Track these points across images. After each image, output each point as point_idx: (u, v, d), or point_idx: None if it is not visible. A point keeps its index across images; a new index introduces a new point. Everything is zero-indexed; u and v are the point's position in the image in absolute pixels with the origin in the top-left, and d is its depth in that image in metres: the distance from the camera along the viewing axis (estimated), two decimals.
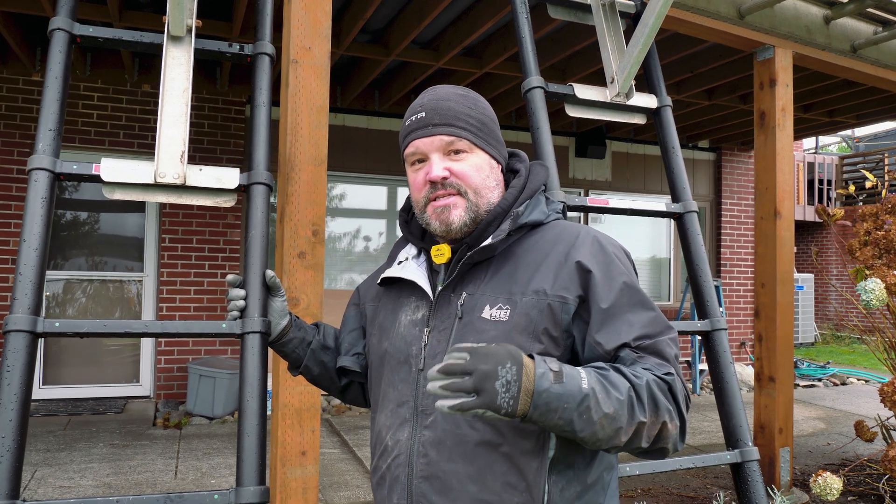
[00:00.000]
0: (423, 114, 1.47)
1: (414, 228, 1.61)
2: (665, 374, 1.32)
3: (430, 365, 1.42)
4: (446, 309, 1.45)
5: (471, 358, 1.15)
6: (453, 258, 1.48)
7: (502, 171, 1.56)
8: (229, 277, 1.78)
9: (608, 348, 1.34)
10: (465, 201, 1.45)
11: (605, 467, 1.42)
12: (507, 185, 1.56)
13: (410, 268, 1.54)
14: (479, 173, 1.47)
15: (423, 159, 1.48)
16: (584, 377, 1.21)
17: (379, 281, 1.62)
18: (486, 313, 1.40)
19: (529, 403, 1.15)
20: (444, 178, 1.44)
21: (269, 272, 1.80)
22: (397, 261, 1.60)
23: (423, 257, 1.57)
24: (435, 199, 1.45)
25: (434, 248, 1.50)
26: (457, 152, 1.46)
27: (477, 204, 1.46)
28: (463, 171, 1.45)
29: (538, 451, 1.33)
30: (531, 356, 1.20)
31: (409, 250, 1.60)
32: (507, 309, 1.38)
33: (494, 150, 1.52)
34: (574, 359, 1.40)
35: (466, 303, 1.43)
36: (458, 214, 1.44)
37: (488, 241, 1.43)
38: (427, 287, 1.50)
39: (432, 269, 1.55)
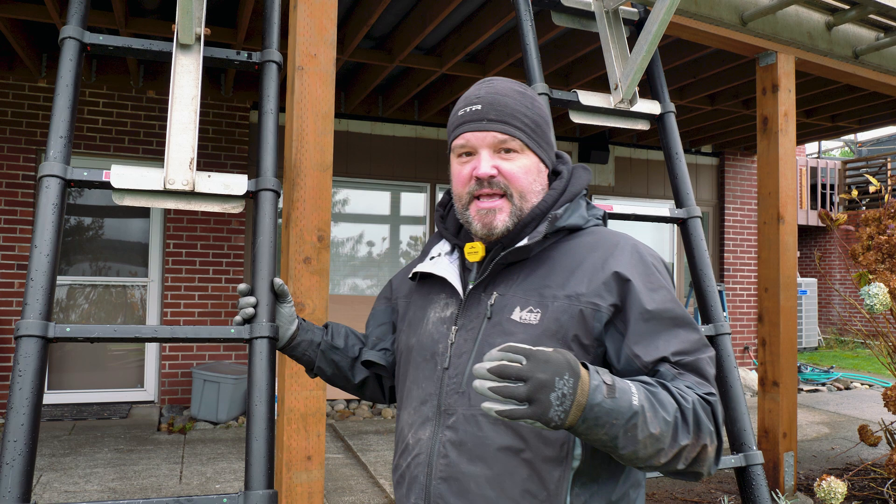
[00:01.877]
0: (479, 106, 1.42)
1: (449, 224, 1.58)
2: (707, 395, 1.28)
3: (456, 364, 1.40)
4: (476, 308, 1.42)
5: (528, 363, 1.08)
6: (487, 257, 1.45)
7: (548, 175, 1.51)
8: (240, 287, 1.78)
9: (646, 361, 1.30)
10: (509, 205, 1.41)
11: (631, 484, 1.38)
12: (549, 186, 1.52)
13: (442, 264, 1.51)
14: (527, 176, 1.43)
15: (471, 153, 1.43)
16: (635, 393, 1.16)
17: (410, 275, 1.59)
18: (516, 315, 1.36)
19: (579, 416, 1.10)
20: (492, 177, 1.40)
21: (278, 280, 1.79)
22: (429, 256, 1.56)
23: (456, 254, 1.54)
24: (479, 198, 1.42)
25: (468, 245, 1.46)
26: (507, 151, 1.41)
27: (521, 208, 1.42)
28: (512, 171, 1.41)
29: (561, 460, 1.30)
30: (585, 366, 1.15)
31: (443, 246, 1.57)
32: (537, 312, 1.35)
33: (544, 153, 1.48)
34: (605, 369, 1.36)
35: (497, 303, 1.39)
36: (502, 219, 1.41)
37: (524, 242, 1.40)
38: (458, 284, 1.47)
39: (465, 267, 1.51)
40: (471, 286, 1.45)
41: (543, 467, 1.30)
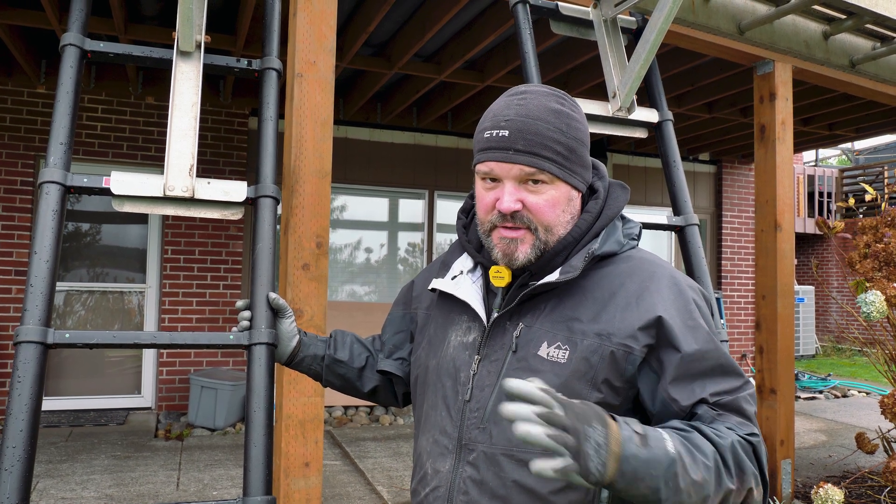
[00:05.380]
0: (506, 132, 1.29)
1: (472, 237, 1.48)
2: (749, 435, 1.22)
3: (478, 397, 1.34)
4: (500, 338, 1.35)
5: (564, 412, 1.03)
6: (513, 284, 1.37)
7: (582, 195, 1.40)
8: (238, 303, 1.76)
9: (684, 405, 1.23)
10: (533, 237, 1.32)
11: None
12: (583, 202, 1.41)
13: (464, 285, 1.43)
14: (555, 209, 1.32)
15: (496, 179, 1.33)
16: (668, 439, 1.11)
17: (430, 287, 1.51)
18: (543, 351, 1.29)
19: (617, 470, 1.04)
20: (516, 211, 1.30)
21: (272, 294, 1.73)
22: (451, 274, 1.48)
23: (478, 272, 1.45)
24: (503, 227, 1.33)
25: (493, 269, 1.38)
26: (535, 182, 1.30)
27: (546, 241, 1.33)
28: (537, 206, 1.31)
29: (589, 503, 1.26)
30: (612, 417, 1.10)
31: (465, 262, 1.48)
32: (565, 350, 1.28)
33: (578, 178, 1.36)
34: (635, 410, 1.30)
35: (522, 335, 1.32)
36: (524, 251, 1.32)
37: (555, 276, 1.31)
38: (482, 311, 1.39)
39: (488, 289, 1.43)
40: (495, 314, 1.37)
41: None
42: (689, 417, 1.24)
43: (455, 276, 1.46)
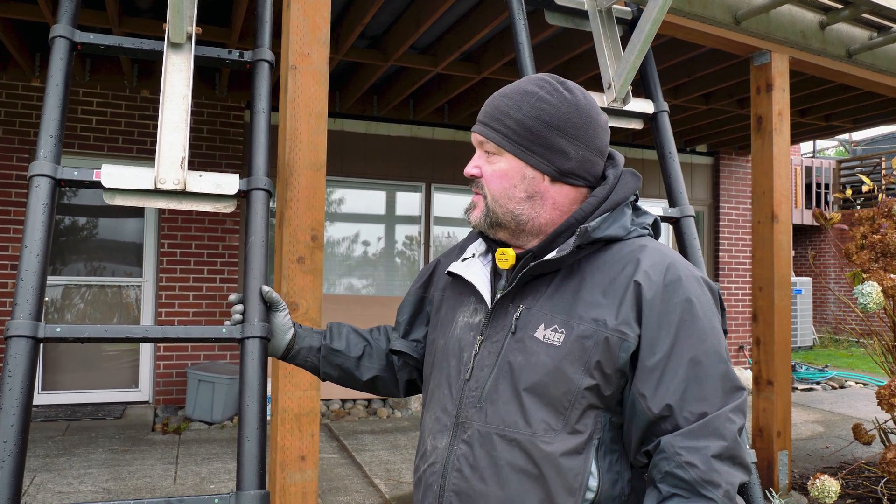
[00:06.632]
0: (485, 106, 1.43)
1: None
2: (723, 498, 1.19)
3: (477, 376, 1.36)
4: (502, 320, 1.37)
5: None
6: (517, 265, 1.39)
7: (555, 181, 1.38)
8: (231, 297, 1.75)
9: (651, 405, 1.22)
10: (484, 205, 1.40)
11: None
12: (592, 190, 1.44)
13: (474, 267, 1.46)
14: (503, 181, 1.37)
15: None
16: None
17: (447, 271, 1.54)
18: (540, 333, 1.30)
19: None
20: (473, 177, 1.42)
21: (265, 287, 1.72)
22: (463, 257, 1.52)
23: (489, 256, 1.48)
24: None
25: (499, 251, 1.41)
26: (489, 153, 1.40)
27: (494, 211, 1.38)
28: (486, 175, 1.40)
29: (574, 490, 1.25)
30: None
31: (479, 245, 1.51)
32: (561, 333, 1.28)
33: (537, 157, 1.36)
34: (623, 403, 1.29)
35: (522, 317, 1.34)
36: (475, 215, 1.42)
37: (552, 254, 1.32)
38: (487, 293, 1.42)
39: (496, 272, 1.46)
40: (499, 295, 1.39)
41: (557, 493, 1.25)
42: (655, 450, 1.23)
43: (466, 259, 1.50)
